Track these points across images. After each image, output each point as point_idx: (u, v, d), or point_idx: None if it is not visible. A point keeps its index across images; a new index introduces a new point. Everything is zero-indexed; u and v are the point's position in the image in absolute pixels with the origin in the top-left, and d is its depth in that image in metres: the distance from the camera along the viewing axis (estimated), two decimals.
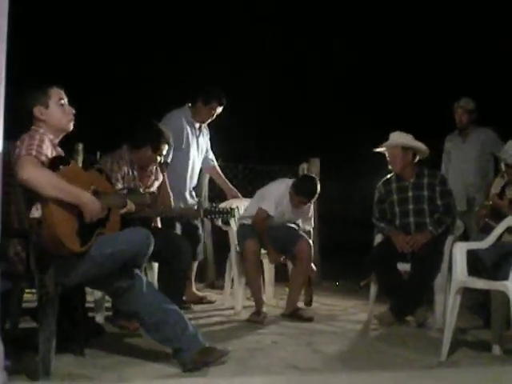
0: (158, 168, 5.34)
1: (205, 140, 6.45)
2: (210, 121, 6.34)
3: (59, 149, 3.89)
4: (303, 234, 5.93)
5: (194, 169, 6.30)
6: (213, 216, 5.09)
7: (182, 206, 5.91)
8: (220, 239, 7.49)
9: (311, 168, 7.98)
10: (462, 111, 7.24)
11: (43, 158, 3.57)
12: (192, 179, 6.31)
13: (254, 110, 12.18)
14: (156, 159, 5.23)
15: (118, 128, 6.30)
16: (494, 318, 4.62)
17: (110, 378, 3.65)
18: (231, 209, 5.10)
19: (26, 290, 3.93)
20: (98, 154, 7.21)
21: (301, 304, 5.95)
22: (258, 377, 3.81)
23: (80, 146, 7.14)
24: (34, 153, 3.52)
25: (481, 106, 7.26)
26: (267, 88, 12.36)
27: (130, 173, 5.11)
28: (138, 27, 12.30)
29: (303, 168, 7.87)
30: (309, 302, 6.00)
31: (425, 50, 11.86)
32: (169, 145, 5.33)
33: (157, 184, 5.31)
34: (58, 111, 3.84)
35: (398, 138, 5.83)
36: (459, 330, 4.86)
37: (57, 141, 3.87)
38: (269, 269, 6.46)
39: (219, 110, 6.27)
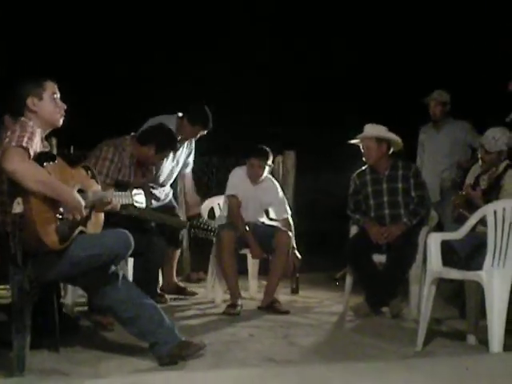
0: (153, 168, 5.33)
1: (183, 154, 6.25)
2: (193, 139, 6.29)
3: (46, 143, 3.84)
4: (283, 228, 5.93)
5: (164, 179, 6.08)
6: (198, 231, 5.14)
7: None
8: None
9: (286, 160, 8.01)
10: (435, 103, 7.27)
11: (31, 152, 3.45)
12: (159, 188, 6.09)
13: (253, 109, 12.21)
14: (156, 161, 5.21)
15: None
16: (469, 308, 4.65)
17: (86, 373, 3.62)
18: (216, 228, 5.19)
19: (0, 286, 3.89)
20: (72, 148, 7.17)
21: (287, 293, 5.97)
22: (235, 369, 3.80)
23: (54, 141, 7.06)
24: (24, 144, 3.40)
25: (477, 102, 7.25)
26: (267, 88, 12.38)
27: (128, 167, 5.07)
28: (137, 27, 12.26)
29: (278, 161, 7.88)
30: (295, 290, 6.01)
31: (425, 50, 11.92)
32: (174, 151, 5.31)
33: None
34: (50, 104, 3.77)
35: (372, 129, 5.85)
36: (434, 321, 4.88)
37: (43, 135, 3.77)
38: (252, 264, 6.45)
39: (203, 133, 6.16)
